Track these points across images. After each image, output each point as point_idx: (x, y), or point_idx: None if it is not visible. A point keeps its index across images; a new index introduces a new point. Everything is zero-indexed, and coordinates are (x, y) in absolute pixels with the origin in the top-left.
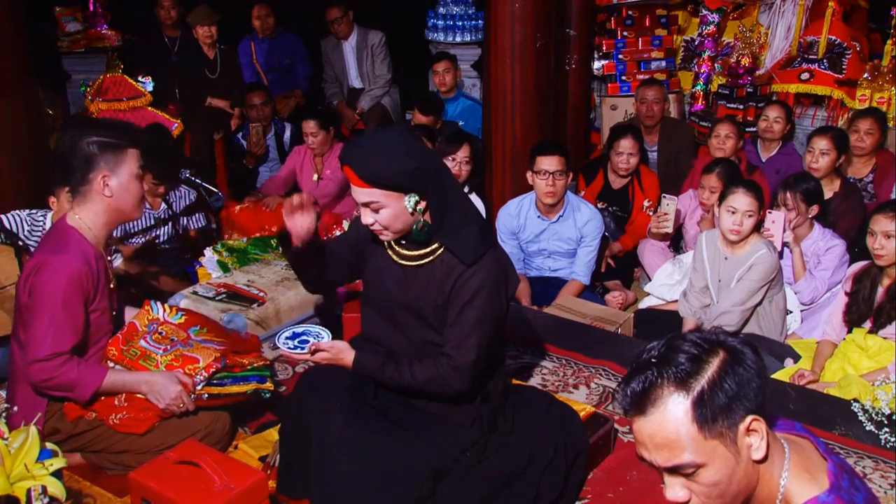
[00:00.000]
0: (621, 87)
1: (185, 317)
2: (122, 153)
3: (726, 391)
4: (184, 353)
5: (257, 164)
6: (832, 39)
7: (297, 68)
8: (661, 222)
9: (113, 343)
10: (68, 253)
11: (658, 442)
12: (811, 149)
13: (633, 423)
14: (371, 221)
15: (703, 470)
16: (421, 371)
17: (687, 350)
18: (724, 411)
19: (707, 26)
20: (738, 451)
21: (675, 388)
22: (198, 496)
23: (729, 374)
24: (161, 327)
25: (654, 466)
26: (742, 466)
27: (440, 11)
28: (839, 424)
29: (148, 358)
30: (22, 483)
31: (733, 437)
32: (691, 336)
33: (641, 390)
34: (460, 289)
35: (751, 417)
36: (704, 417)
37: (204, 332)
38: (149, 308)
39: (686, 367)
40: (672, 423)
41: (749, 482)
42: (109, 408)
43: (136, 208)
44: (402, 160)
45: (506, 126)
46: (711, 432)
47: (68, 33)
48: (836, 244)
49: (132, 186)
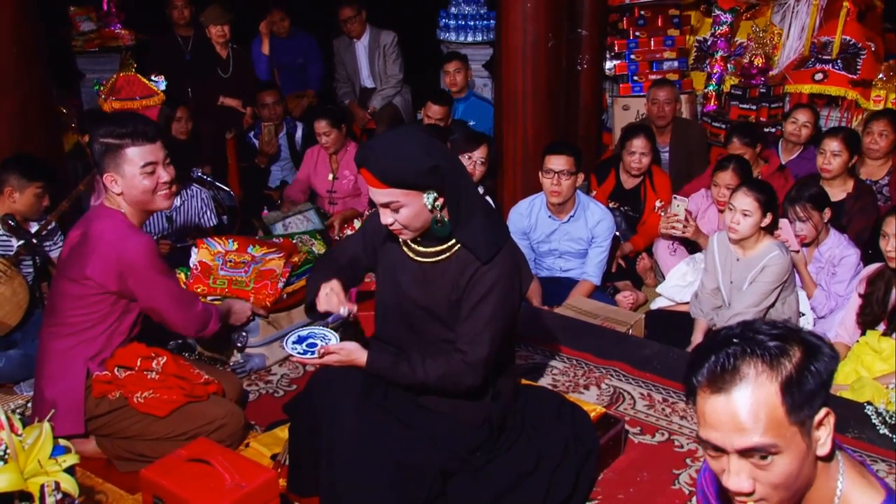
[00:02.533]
0: (633, 87)
1: (236, 241)
2: (120, 153)
3: (815, 377)
4: (259, 269)
5: (269, 163)
6: (846, 39)
7: (309, 68)
8: (671, 223)
9: (196, 282)
10: (132, 234)
11: (739, 421)
12: (823, 150)
13: (709, 401)
14: (391, 221)
15: (779, 457)
16: (433, 368)
17: (768, 331)
18: (810, 398)
19: (720, 26)
20: (810, 443)
21: (765, 367)
22: (208, 494)
23: (815, 360)
24: (227, 256)
25: (716, 450)
26: (809, 460)
27: (452, 11)
28: (852, 427)
29: (236, 282)
30: (35, 479)
31: (809, 428)
32: (768, 322)
33: (728, 366)
34: (475, 284)
35: (825, 410)
36: (793, 401)
37: (258, 248)
38: (206, 246)
39: (773, 347)
40: (759, 403)
41: (809, 478)
42: (139, 384)
43: (155, 201)
44: (419, 158)
45: (517, 126)
46: (796, 418)
47: (82, 33)
48: (850, 253)
49: (137, 182)
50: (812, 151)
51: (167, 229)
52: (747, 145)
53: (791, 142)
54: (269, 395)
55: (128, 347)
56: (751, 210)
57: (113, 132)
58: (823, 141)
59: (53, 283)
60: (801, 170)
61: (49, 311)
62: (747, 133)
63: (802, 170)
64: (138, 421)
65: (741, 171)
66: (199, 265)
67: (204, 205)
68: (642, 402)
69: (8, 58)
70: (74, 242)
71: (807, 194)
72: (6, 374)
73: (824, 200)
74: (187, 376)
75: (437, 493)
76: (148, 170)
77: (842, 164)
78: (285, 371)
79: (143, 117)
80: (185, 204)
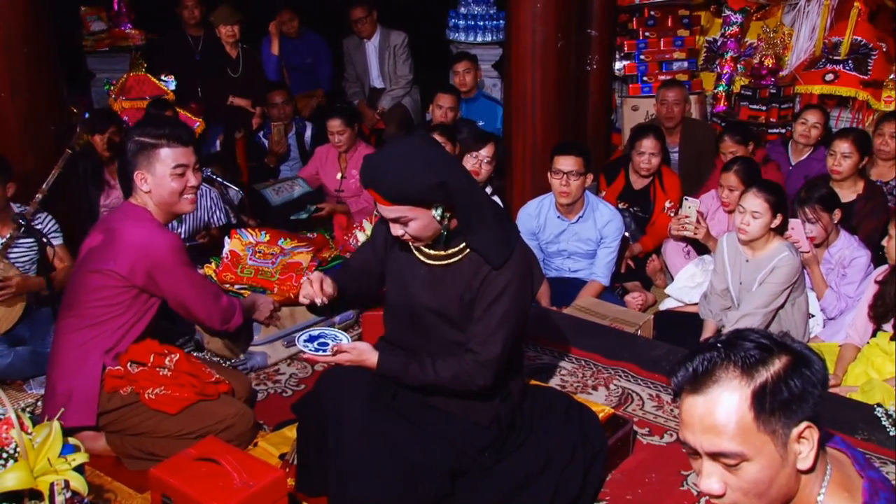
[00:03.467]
0: (643, 87)
1: (268, 233)
2: (154, 152)
3: (791, 388)
4: (287, 261)
5: (278, 162)
6: (857, 40)
7: (319, 68)
8: (682, 225)
9: (225, 270)
10: (158, 230)
11: (708, 424)
12: (833, 152)
13: (685, 401)
14: (401, 233)
15: (748, 464)
16: (445, 368)
17: (755, 339)
18: (784, 409)
19: (730, 27)
20: (785, 455)
21: (740, 374)
22: (217, 493)
23: (796, 373)
24: (257, 247)
25: (693, 452)
26: (786, 472)
27: (461, 11)
28: (862, 429)
29: (262, 273)
30: (45, 477)
31: (785, 440)
32: (760, 331)
33: (703, 369)
34: (488, 286)
35: (805, 424)
36: (763, 408)
37: (289, 241)
38: (238, 236)
39: (754, 354)
40: (728, 407)
41: (789, 490)
42: (151, 380)
43: (180, 203)
44: (424, 176)
45: (526, 126)
46: (766, 427)
47: (93, 32)
48: (860, 255)
49: (166, 182)
50: (822, 152)
51: (177, 228)
52: (738, 143)
53: (801, 143)
54: (277, 395)
55: (141, 344)
56: (760, 211)
57: (150, 132)
58: (834, 142)
59: (73, 276)
60: (811, 171)
61: (67, 304)
62: (738, 131)
63: (812, 171)
64: (149, 418)
65: (745, 172)
66: (230, 254)
67: (213, 204)
68: (651, 403)
69: (20, 58)
70: (97, 243)
71: (816, 196)
72: (15, 370)
73: (834, 202)
74: (199, 374)
75: (445, 492)
76: (178, 171)
77: (852, 166)
78: (294, 371)
79: (181, 122)
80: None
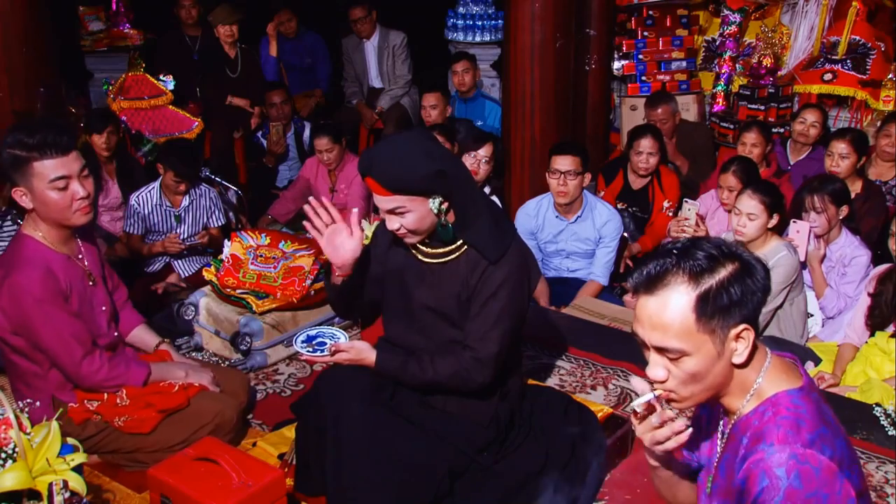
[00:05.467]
0: (641, 87)
1: (269, 236)
2: (27, 167)
3: (731, 295)
4: (289, 265)
5: (277, 162)
6: (855, 39)
7: (317, 68)
8: (681, 228)
9: (227, 274)
10: (20, 269)
11: (655, 322)
12: (830, 153)
13: (639, 300)
14: (397, 227)
15: (687, 358)
16: (443, 366)
17: (707, 249)
18: (723, 312)
19: (728, 26)
20: (722, 351)
21: (687, 279)
22: (216, 493)
23: (738, 280)
24: (259, 251)
25: (643, 344)
26: (721, 365)
27: (460, 11)
28: (861, 429)
29: (265, 277)
30: (44, 477)
31: (723, 338)
32: (714, 240)
33: (656, 273)
34: (485, 282)
35: (743, 325)
36: (704, 312)
37: (289, 244)
38: (239, 239)
39: (702, 262)
40: (673, 308)
41: (724, 380)
42: (112, 409)
43: (72, 217)
44: (423, 164)
45: (525, 126)
46: (705, 327)
47: (91, 32)
48: (861, 254)
49: (47, 198)
50: (821, 152)
51: (176, 228)
52: (766, 138)
53: (799, 142)
54: (276, 395)
55: None
56: (756, 213)
57: (20, 142)
58: (831, 143)
59: None
60: (810, 170)
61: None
62: (766, 129)
63: (811, 170)
64: (130, 438)
65: (743, 172)
66: (231, 258)
67: (212, 204)
68: None
69: (18, 58)
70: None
71: (830, 188)
72: None
73: (844, 197)
74: (158, 391)
75: (444, 492)
76: (59, 185)
77: (850, 166)
78: (293, 370)
79: (56, 125)
80: (194, 203)
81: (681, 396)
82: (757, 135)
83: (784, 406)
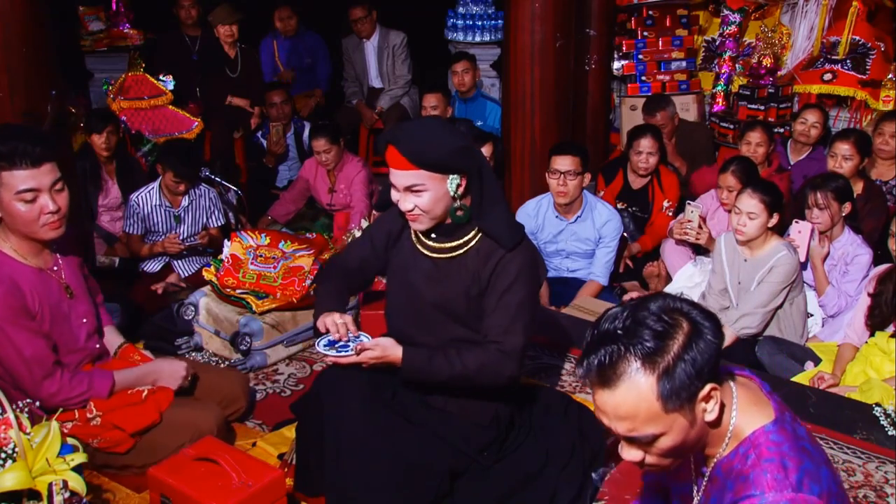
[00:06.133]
0: (641, 87)
1: (268, 236)
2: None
3: (689, 367)
4: (289, 265)
5: (277, 162)
6: (855, 39)
7: (317, 67)
8: (684, 229)
9: (227, 275)
10: None
11: (621, 414)
12: (833, 154)
13: (596, 393)
14: (410, 207)
15: (662, 438)
16: (471, 359)
17: (652, 325)
18: (686, 387)
19: (728, 26)
20: (694, 419)
21: (641, 364)
22: (216, 493)
23: (692, 349)
24: (259, 251)
25: (613, 432)
26: (696, 430)
27: (460, 11)
28: (861, 429)
29: (265, 277)
30: (44, 477)
31: (691, 407)
32: (655, 307)
33: (607, 363)
34: (500, 274)
35: (709, 387)
36: (668, 394)
37: (289, 244)
38: (239, 239)
39: (651, 344)
40: (636, 398)
41: (700, 439)
42: (85, 430)
43: (38, 232)
44: (449, 139)
45: (525, 126)
46: (673, 406)
47: (91, 32)
48: (862, 253)
49: (13, 209)
50: (821, 152)
51: (176, 228)
52: (769, 137)
53: (800, 142)
54: (276, 395)
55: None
56: (756, 212)
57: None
58: (834, 144)
59: None
60: (810, 170)
61: None
62: (770, 128)
63: (811, 170)
64: (112, 456)
65: (742, 172)
66: (231, 258)
67: (212, 204)
68: None
69: (18, 57)
70: None
71: (833, 185)
72: None
73: (847, 195)
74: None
75: (444, 492)
76: (26, 197)
77: (853, 168)
78: (292, 370)
79: (33, 135)
80: (193, 203)
81: (662, 466)
82: (761, 134)
83: (765, 447)
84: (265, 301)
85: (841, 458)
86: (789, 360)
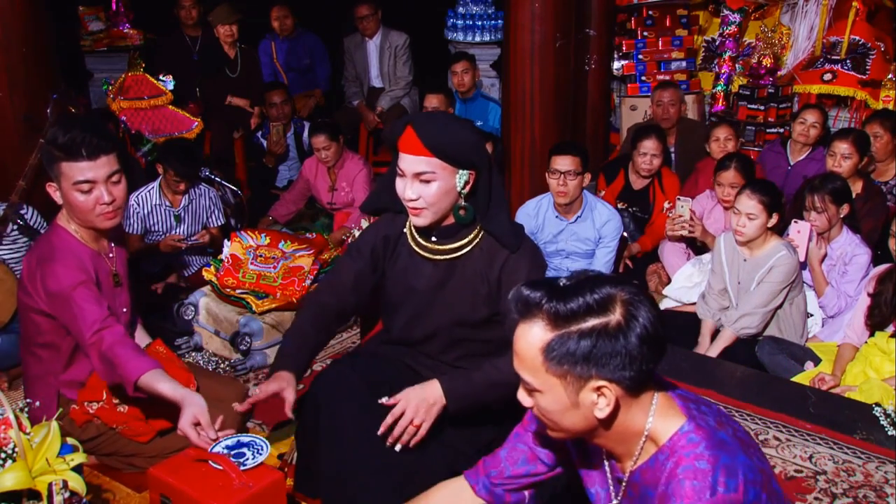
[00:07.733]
0: (641, 87)
1: (268, 236)
2: (56, 165)
3: (582, 348)
4: (289, 265)
5: (277, 162)
6: (855, 39)
7: (316, 68)
8: (675, 224)
9: (227, 274)
10: (55, 261)
11: (516, 349)
12: (832, 153)
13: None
14: (416, 196)
15: (539, 395)
16: (505, 365)
17: (587, 298)
18: (571, 362)
19: (728, 26)
20: (577, 400)
21: (547, 319)
22: (216, 493)
23: (599, 337)
24: (258, 251)
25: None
26: (580, 413)
27: (460, 11)
28: (861, 429)
29: (265, 277)
30: (43, 477)
31: (577, 387)
32: (612, 289)
33: (533, 301)
34: (510, 274)
35: (603, 382)
36: (551, 355)
37: (289, 244)
38: (239, 239)
39: (571, 307)
40: (527, 342)
41: (586, 427)
42: (112, 415)
43: (95, 220)
44: (466, 131)
45: (525, 126)
46: (554, 371)
47: (91, 32)
48: (861, 253)
49: (72, 198)
50: (821, 152)
51: (176, 228)
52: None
53: (800, 142)
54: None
55: (91, 378)
56: (755, 213)
57: (53, 139)
58: (833, 143)
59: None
60: (810, 170)
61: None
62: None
63: (811, 170)
64: (129, 443)
65: (743, 169)
66: (231, 258)
67: (212, 203)
68: None
69: (18, 57)
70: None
71: (830, 187)
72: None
73: (845, 196)
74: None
75: None
76: (83, 188)
77: (852, 167)
78: None
79: (92, 127)
80: (194, 203)
81: (548, 426)
82: (728, 130)
83: (682, 452)
84: (265, 301)
85: (841, 458)
86: (789, 360)
